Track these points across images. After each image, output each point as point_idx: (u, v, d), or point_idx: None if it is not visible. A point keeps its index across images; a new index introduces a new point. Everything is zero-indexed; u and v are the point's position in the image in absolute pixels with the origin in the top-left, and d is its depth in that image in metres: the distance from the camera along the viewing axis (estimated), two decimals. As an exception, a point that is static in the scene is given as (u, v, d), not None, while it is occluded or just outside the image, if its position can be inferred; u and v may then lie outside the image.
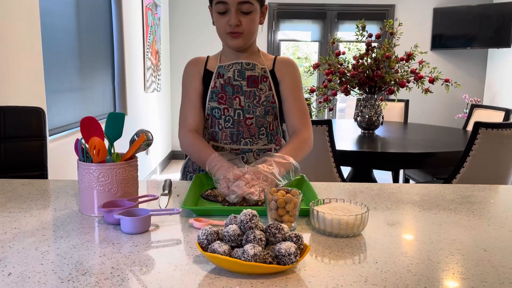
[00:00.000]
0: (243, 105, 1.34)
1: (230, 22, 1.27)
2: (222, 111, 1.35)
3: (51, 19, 2.48)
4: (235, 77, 1.35)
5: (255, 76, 1.35)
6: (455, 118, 5.58)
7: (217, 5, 1.28)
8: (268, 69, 1.38)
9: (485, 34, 5.10)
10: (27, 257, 0.75)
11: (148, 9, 4.39)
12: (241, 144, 1.35)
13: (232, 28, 1.28)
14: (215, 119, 1.36)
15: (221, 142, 1.36)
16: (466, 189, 1.23)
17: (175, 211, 0.91)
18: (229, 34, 1.30)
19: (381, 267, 0.72)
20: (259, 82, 1.35)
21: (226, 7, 1.27)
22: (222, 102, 1.34)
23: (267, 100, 1.35)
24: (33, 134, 1.48)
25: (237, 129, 1.35)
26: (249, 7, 1.27)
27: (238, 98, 1.34)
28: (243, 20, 1.28)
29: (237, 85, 1.34)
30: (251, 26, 1.30)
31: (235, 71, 1.35)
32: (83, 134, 0.97)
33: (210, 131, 1.38)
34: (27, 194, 1.13)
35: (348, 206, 0.91)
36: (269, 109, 1.36)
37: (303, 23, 5.47)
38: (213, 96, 1.35)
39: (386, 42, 2.93)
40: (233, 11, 1.26)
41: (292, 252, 0.68)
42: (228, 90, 1.34)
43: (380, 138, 2.85)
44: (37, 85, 2.24)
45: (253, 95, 1.34)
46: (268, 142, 1.38)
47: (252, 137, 1.36)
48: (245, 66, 1.36)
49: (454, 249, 0.80)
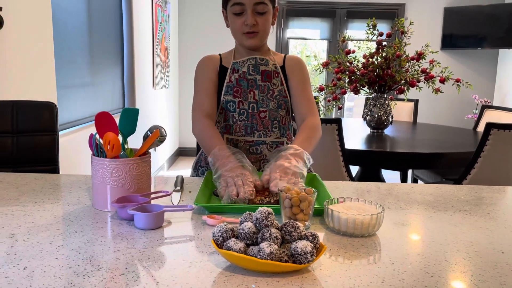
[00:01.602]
0: (257, 98, 1.38)
1: (247, 22, 1.32)
2: (237, 104, 1.38)
3: (62, 15, 2.49)
4: (250, 72, 1.39)
5: (268, 71, 1.40)
6: (464, 119, 5.54)
7: (234, 7, 1.32)
8: (279, 65, 1.43)
9: (496, 34, 5.05)
10: (42, 251, 0.75)
11: (158, 5, 4.39)
12: (255, 136, 1.38)
13: (249, 28, 1.33)
14: (230, 112, 1.39)
15: (235, 134, 1.39)
16: (480, 190, 1.22)
17: (188, 208, 0.91)
18: (245, 34, 1.35)
19: (398, 268, 0.71)
20: (272, 77, 1.39)
21: (242, 8, 1.32)
22: (237, 96, 1.38)
23: (280, 94, 1.39)
24: (45, 128, 1.49)
25: (251, 122, 1.38)
26: (264, 8, 1.32)
27: (253, 91, 1.38)
28: (259, 20, 1.33)
29: (251, 79, 1.38)
30: (266, 26, 1.35)
31: (250, 65, 1.39)
32: (98, 129, 0.97)
33: (224, 125, 1.41)
34: (40, 188, 1.13)
35: (363, 205, 0.90)
36: (281, 103, 1.40)
37: (312, 21, 5.45)
38: (228, 90, 1.38)
39: (397, 41, 2.91)
40: (249, 12, 1.31)
41: (309, 251, 0.67)
42: (243, 84, 1.38)
43: (389, 138, 2.83)
44: (48, 80, 2.25)
45: (267, 89, 1.38)
46: (281, 136, 1.41)
47: (265, 130, 1.39)
48: (259, 61, 1.40)
49: (472, 251, 0.79)
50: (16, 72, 1.97)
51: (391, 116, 2.98)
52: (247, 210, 0.86)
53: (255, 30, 1.34)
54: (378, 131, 3.00)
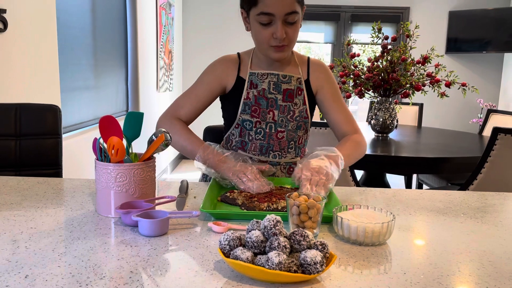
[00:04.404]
0: (276, 119, 1.30)
1: (276, 35, 1.17)
2: (254, 124, 1.31)
3: (67, 18, 2.48)
4: (271, 90, 1.29)
5: (291, 89, 1.31)
6: (469, 123, 5.50)
7: (260, 16, 1.17)
8: (303, 78, 1.33)
9: (501, 38, 5.01)
10: (44, 258, 0.73)
11: (162, 8, 4.39)
12: (269, 157, 1.33)
13: (279, 41, 1.19)
14: (246, 130, 1.32)
15: (250, 152, 1.33)
16: (490, 197, 1.19)
17: (194, 214, 0.89)
18: (273, 47, 1.21)
19: (410, 279, 0.69)
20: (294, 96, 1.31)
21: (270, 19, 1.16)
22: (255, 116, 1.30)
23: (301, 115, 1.32)
24: (49, 132, 1.47)
25: (268, 142, 1.31)
26: (295, 17, 1.17)
27: (272, 112, 1.30)
28: (289, 31, 1.19)
29: (272, 98, 1.30)
30: (295, 36, 1.22)
31: (271, 83, 1.30)
32: (102, 133, 0.95)
33: (239, 140, 1.34)
34: (43, 192, 1.12)
35: (373, 213, 0.88)
36: (301, 124, 1.33)
37: (316, 24, 5.43)
38: (246, 109, 1.30)
39: (402, 44, 2.89)
40: (279, 24, 1.16)
41: (318, 261, 0.65)
42: (262, 103, 1.29)
43: (394, 142, 2.81)
44: (52, 83, 2.24)
45: (288, 109, 1.30)
46: (296, 155, 1.36)
47: (281, 151, 1.33)
48: (282, 79, 1.30)
49: (485, 261, 0.76)
50: (20, 74, 1.96)
51: (396, 120, 2.95)
52: (254, 217, 0.84)
53: (284, 43, 1.20)
54: (383, 135, 2.97)
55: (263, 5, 1.15)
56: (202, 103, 1.33)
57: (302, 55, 1.38)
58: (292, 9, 1.16)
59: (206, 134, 1.63)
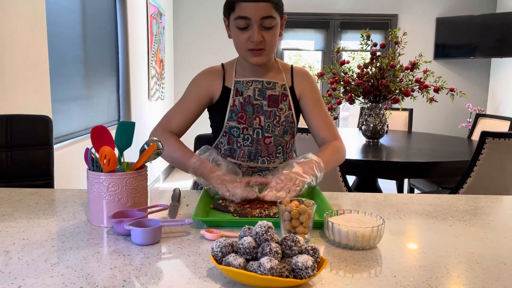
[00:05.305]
0: (263, 124, 1.32)
1: (253, 38, 1.20)
2: (241, 130, 1.32)
3: (57, 28, 2.48)
4: (256, 96, 1.31)
5: (276, 95, 1.33)
6: (459, 127, 5.57)
7: (238, 20, 1.20)
8: (288, 85, 1.35)
9: (488, 44, 5.10)
10: (37, 269, 0.73)
11: (153, 18, 4.41)
12: (258, 162, 1.34)
13: (255, 45, 1.21)
14: (233, 137, 1.33)
15: (238, 159, 1.34)
16: (478, 200, 1.21)
17: (186, 222, 0.90)
18: (250, 51, 1.24)
19: (400, 281, 0.70)
20: (280, 102, 1.33)
21: (247, 23, 1.19)
22: (241, 122, 1.31)
23: (287, 120, 1.33)
24: (40, 142, 1.47)
25: (256, 148, 1.33)
26: (272, 22, 1.21)
27: (259, 117, 1.31)
28: (266, 36, 1.21)
29: (257, 105, 1.31)
30: (273, 41, 1.24)
31: (256, 89, 1.32)
32: (94, 143, 0.96)
33: (228, 148, 1.35)
34: (35, 203, 1.11)
35: (363, 217, 0.89)
36: (287, 129, 1.35)
37: (306, 32, 5.48)
38: (233, 116, 1.31)
39: (391, 51, 2.93)
40: (256, 27, 1.19)
41: (310, 266, 0.66)
42: (248, 110, 1.31)
43: (385, 147, 2.84)
44: (43, 94, 2.24)
45: (274, 115, 1.32)
46: (284, 160, 1.38)
47: (269, 156, 1.34)
48: (266, 85, 1.32)
49: (474, 263, 0.78)
50: (10, 85, 1.96)
51: (386, 126, 2.99)
52: (246, 224, 0.85)
53: (261, 47, 1.22)
54: (374, 141, 3.00)
55: (240, 9, 1.19)
56: (192, 114, 1.34)
57: (286, 63, 1.41)
58: (268, 14, 1.19)
59: (197, 142, 1.64)
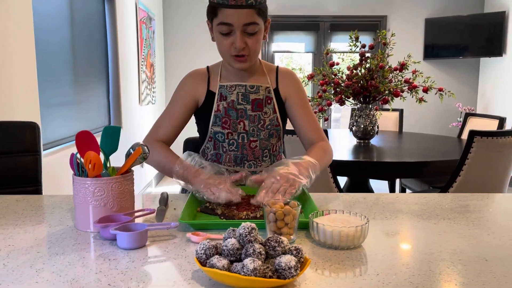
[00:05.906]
0: (247, 129, 1.31)
1: (236, 45, 1.19)
2: (226, 135, 1.32)
3: (45, 33, 2.48)
4: (239, 101, 1.30)
5: (260, 99, 1.32)
6: (449, 127, 5.61)
7: (220, 26, 1.19)
8: (272, 87, 1.34)
9: (476, 44, 5.16)
10: (22, 275, 0.73)
11: (143, 22, 4.41)
12: (245, 167, 1.34)
13: (238, 51, 1.21)
14: (219, 142, 1.33)
15: (225, 164, 1.34)
16: (464, 198, 1.23)
17: (172, 226, 0.90)
18: (234, 57, 1.23)
19: (383, 279, 0.71)
20: (264, 105, 1.32)
21: (230, 29, 1.18)
22: (226, 127, 1.31)
23: (272, 124, 1.33)
24: (28, 149, 1.47)
25: (241, 152, 1.32)
26: (255, 28, 1.19)
27: (243, 122, 1.31)
28: (249, 42, 1.21)
29: (241, 109, 1.31)
30: (256, 47, 1.23)
31: (239, 94, 1.31)
32: (79, 148, 0.96)
33: (214, 153, 1.35)
34: (22, 210, 1.11)
35: (348, 217, 0.90)
36: (273, 132, 1.34)
37: (296, 34, 5.51)
38: (217, 121, 1.31)
39: (380, 52, 2.96)
40: (238, 34, 1.18)
41: (293, 266, 0.67)
42: (232, 114, 1.31)
43: (376, 148, 2.85)
44: (31, 100, 2.23)
45: (258, 119, 1.31)
46: (271, 163, 1.37)
47: (256, 160, 1.34)
48: (249, 89, 1.32)
49: (455, 259, 0.79)
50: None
51: (377, 126, 3.01)
52: (231, 226, 0.86)
53: (244, 53, 1.21)
54: (365, 141, 3.02)
55: (222, 15, 1.18)
56: (180, 120, 1.34)
57: (271, 64, 1.40)
58: (251, 20, 1.18)
59: (186, 146, 1.64)
